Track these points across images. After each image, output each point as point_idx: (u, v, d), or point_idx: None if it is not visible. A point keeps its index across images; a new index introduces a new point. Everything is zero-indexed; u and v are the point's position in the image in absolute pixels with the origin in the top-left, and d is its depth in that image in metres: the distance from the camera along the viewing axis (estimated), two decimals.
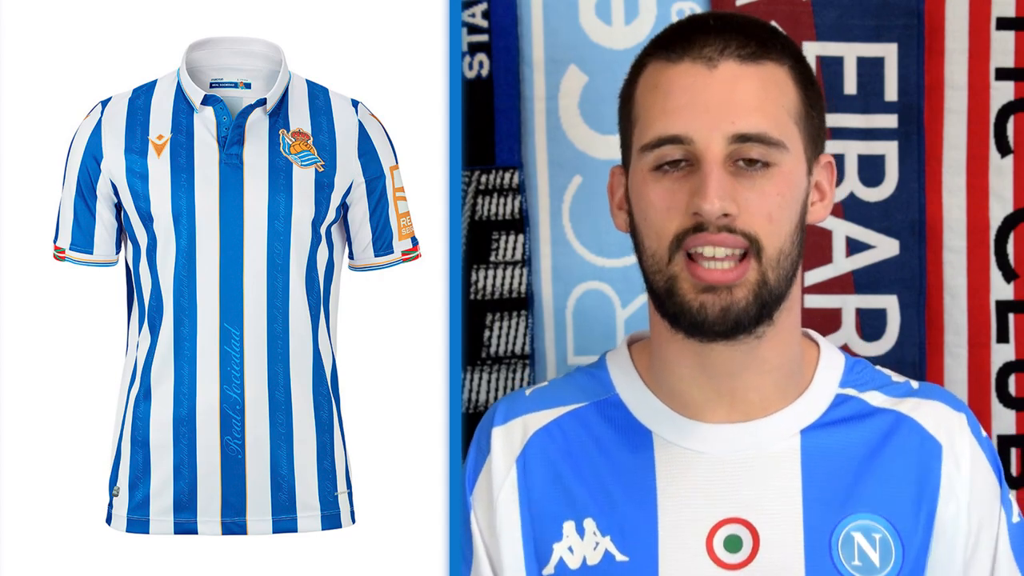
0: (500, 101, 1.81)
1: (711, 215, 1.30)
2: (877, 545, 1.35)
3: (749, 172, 1.33)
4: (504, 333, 1.81)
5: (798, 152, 1.36)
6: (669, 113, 1.34)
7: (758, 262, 1.32)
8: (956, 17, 1.81)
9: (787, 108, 1.36)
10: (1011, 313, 1.82)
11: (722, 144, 1.32)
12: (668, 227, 1.34)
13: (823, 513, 1.36)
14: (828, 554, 1.35)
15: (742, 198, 1.32)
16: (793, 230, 1.35)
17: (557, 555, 1.41)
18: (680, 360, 1.40)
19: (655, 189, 1.35)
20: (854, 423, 1.41)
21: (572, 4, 1.81)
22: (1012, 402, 1.82)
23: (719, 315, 1.32)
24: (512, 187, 1.81)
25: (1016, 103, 1.81)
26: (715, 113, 1.32)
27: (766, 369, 1.39)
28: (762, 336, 1.37)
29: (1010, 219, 1.82)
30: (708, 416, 1.40)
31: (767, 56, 1.35)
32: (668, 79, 1.36)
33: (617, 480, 1.41)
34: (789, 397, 1.41)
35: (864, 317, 1.82)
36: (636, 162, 1.38)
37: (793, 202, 1.35)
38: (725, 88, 1.33)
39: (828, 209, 1.44)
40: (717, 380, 1.39)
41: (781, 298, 1.36)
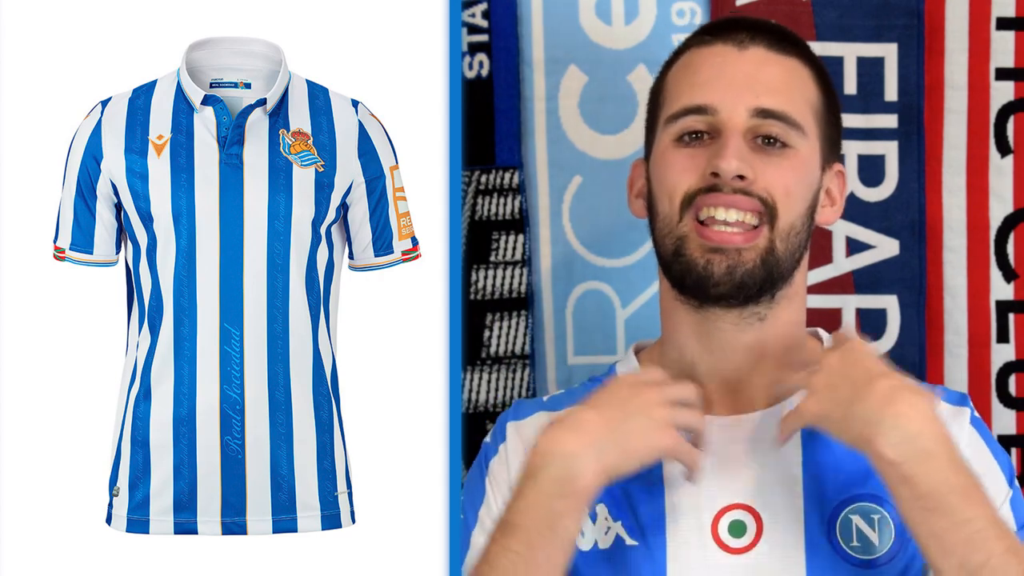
0: (500, 101, 1.81)
1: (728, 173, 1.34)
2: (876, 526, 1.37)
3: (767, 149, 1.37)
4: (504, 333, 1.81)
5: (814, 143, 1.41)
6: (696, 86, 1.39)
7: (770, 229, 1.36)
8: (956, 17, 1.81)
9: (808, 100, 1.41)
10: (1011, 313, 1.82)
11: (744, 116, 1.36)
12: (681, 186, 1.37)
13: (823, 498, 1.38)
14: (827, 537, 1.37)
15: (759, 169, 1.36)
16: (805, 211, 1.39)
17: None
18: (687, 342, 1.42)
19: (675, 155, 1.39)
20: None
21: (572, 4, 1.81)
22: (1012, 402, 1.82)
23: (725, 273, 1.35)
24: (512, 187, 1.81)
25: (1016, 103, 1.81)
26: (740, 87, 1.37)
27: (767, 357, 1.41)
28: (764, 319, 1.39)
29: (1010, 219, 1.82)
30: (712, 406, 1.42)
31: (794, 52, 1.42)
32: (698, 58, 1.42)
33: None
34: (791, 388, 1.42)
35: (864, 317, 1.82)
36: (660, 136, 1.42)
37: (808, 186, 1.40)
38: (752, 67, 1.39)
39: (837, 215, 1.47)
40: (721, 364, 1.41)
41: (786, 274, 1.39)
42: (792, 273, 1.40)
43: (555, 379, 1.82)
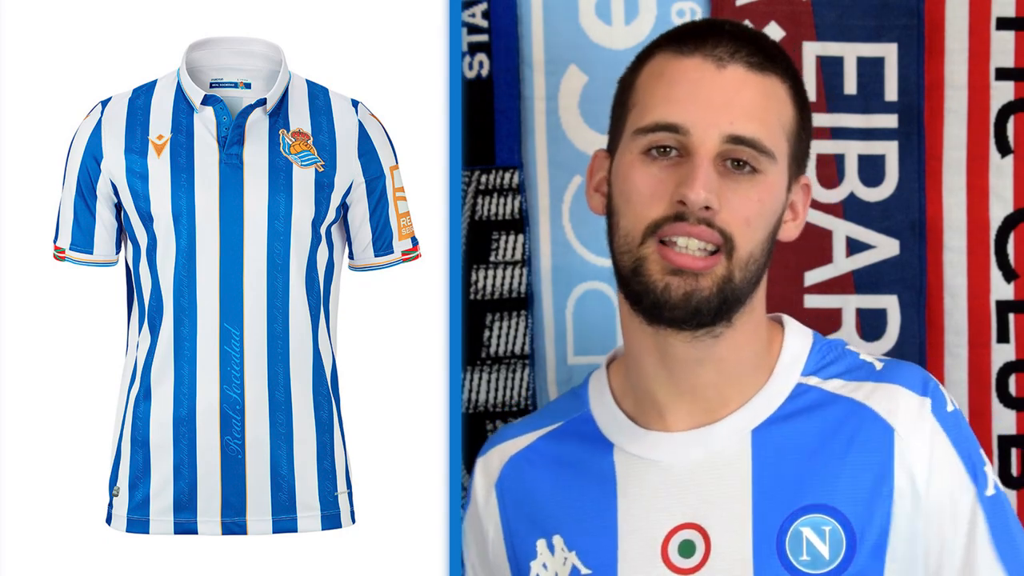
0: (500, 101, 1.81)
1: (695, 204, 1.33)
2: (827, 538, 1.37)
3: (735, 174, 1.36)
4: (504, 333, 1.81)
5: (783, 166, 1.40)
6: (671, 102, 1.37)
7: (728, 260, 1.36)
8: (956, 17, 1.81)
9: (782, 123, 1.40)
10: (1011, 313, 1.82)
11: (716, 141, 1.35)
12: (648, 213, 1.36)
13: (772, 511, 1.38)
14: (775, 552, 1.37)
15: (725, 197, 1.35)
16: (766, 238, 1.39)
17: (534, 572, 1.46)
18: (644, 355, 1.43)
19: (642, 173, 1.38)
20: (808, 415, 1.41)
21: (572, 4, 1.81)
22: (1012, 402, 1.82)
23: (682, 298, 1.35)
24: (512, 187, 1.81)
25: (1016, 103, 1.81)
26: (716, 110, 1.36)
27: (724, 367, 1.42)
28: (719, 336, 1.39)
29: (1010, 219, 1.82)
30: (670, 418, 1.43)
31: (773, 70, 1.40)
32: (676, 70, 1.39)
33: (583, 495, 1.45)
34: (748, 393, 1.43)
35: (864, 317, 1.82)
36: (626, 144, 1.41)
37: (771, 212, 1.39)
38: (730, 89, 1.37)
39: (799, 229, 1.47)
40: (675, 374, 1.42)
41: (742, 300, 1.39)
42: (750, 295, 1.40)
43: (555, 379, 1.82)
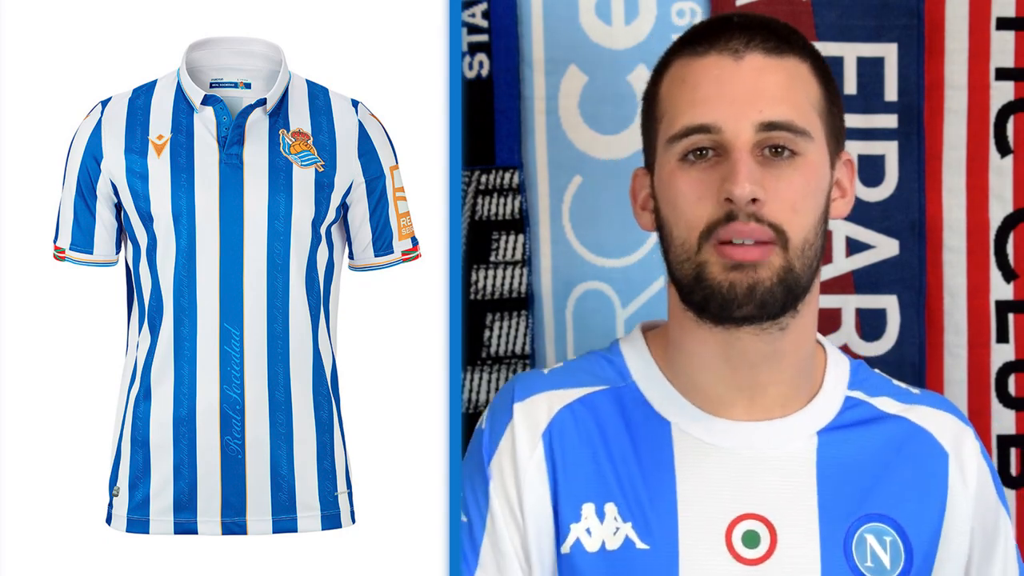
0: (500, 101, 1.81)
1: (742, 199, 1.32)
2: (888, 547, 1.37)
3: (776, 161, 1.36)
4: (504, 333, 1.81)
5: (821, 144, 1.39)
6: (697, 104, 1.37)
7: (784, 251, 1.34)
8: (956, 17, 1.81)
9: (811, 101, 1.39)
10: (1011, 313, 1.82)
11: (750, 132, 1.34)
12: (699, 216, 1.35)
13: (837, 514, 1.38)
14: (843, 554, 1.37)
15: (769, 186, 1.34)
16: (816, 221, 1.38)
17: (575, 536, 1.41)
18: (703, 350, 1.41)
19: (684, 179, 1.37)
20: (866, 427, 1.43)
21: (572, 4, 1.81)
22: (1012, 402, 1.82)
23: (746, 292, 1.34)
24: (512, 187, 1.81)
25: (1016, 103, 1.81)
26: (743, 102, 1.35)
27: (785, 365, 1.41)
28: (786, 328, 1.38)
29: (1010, 219, 1.82)
30: (727, 412, 1.42)
31: (790, 51, 1.39)
32: (695, 72, 1.39)
33: (638, 468, 1.41)
34: (804, 397, 1.43)
35: (864, 317, 1.82)
36: (663, 155, 1.40)
37: (818, 192, 1.38)
38: (752, 78, 1.36)
39: (849, 206, 1.46)
40: (739, 372, 1.41)
41: (807, 285, 1.38)
42: (812, 282, 1.39)
43: None
